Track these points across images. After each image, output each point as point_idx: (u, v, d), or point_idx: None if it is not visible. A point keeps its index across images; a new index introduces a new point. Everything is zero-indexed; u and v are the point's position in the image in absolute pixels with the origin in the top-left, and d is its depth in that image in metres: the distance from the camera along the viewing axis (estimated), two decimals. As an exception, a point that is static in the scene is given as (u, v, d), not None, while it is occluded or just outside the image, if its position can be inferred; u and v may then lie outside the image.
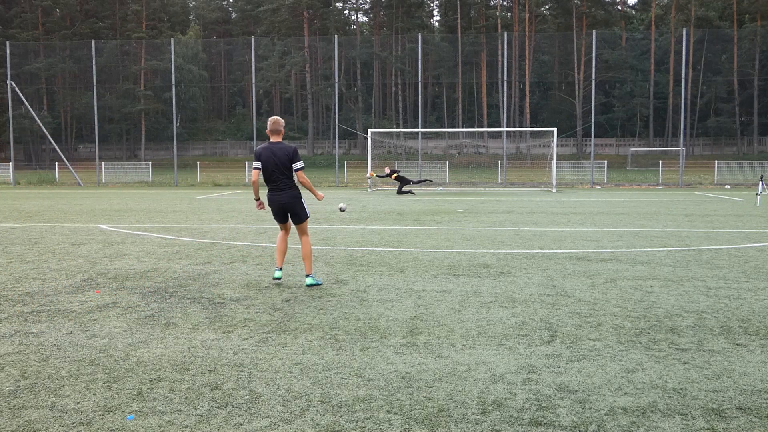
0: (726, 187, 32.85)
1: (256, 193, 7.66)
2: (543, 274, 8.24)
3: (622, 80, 72.50)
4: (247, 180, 37.37)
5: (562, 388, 4.26)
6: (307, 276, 7.54)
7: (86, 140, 70.56)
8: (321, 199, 7.90)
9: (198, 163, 41.93)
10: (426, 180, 29.88)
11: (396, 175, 26.06)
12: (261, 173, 7.45)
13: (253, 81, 42.95)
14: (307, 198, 8.05)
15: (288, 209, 7.53)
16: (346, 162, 42.11)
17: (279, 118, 7.48)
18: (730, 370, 4.61)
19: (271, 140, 7.45)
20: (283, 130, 7.48)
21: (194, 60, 72.40)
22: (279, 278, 7.63)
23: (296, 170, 7.41)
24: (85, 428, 3.67)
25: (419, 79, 41.92)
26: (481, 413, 3.86)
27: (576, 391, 4.21)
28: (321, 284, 7.55)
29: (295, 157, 7.39)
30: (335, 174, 37.72)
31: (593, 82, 37.96)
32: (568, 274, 8.23)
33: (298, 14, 74.25)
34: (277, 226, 7.96)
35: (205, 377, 4.48)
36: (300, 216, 7.56)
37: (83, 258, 9.65)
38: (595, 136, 37.65)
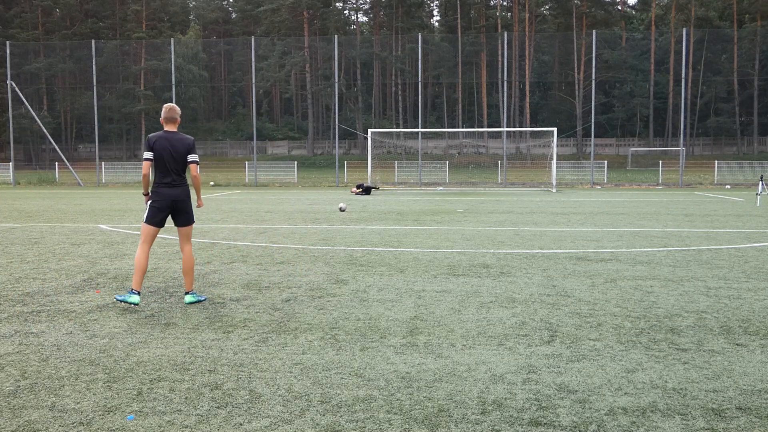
0: (726, 187, 32.85)
1: (146, 187, 6.81)
2: (543, 274, 8.23)
3: (622, 80, 72.50)
4: (246, 180, 37.33)
5: (562, 388, 4.26)
6: (187, 293, 6.71)
7: (86, 140, 70.50)
8: (201, 207, 7.20)
9: (198, 162, 41.89)
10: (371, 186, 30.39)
11: (361, 189, 29.00)
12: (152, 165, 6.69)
13: (253, 81, 42.93)
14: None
15: (179, 205, 6.66)
16: (346, 162, 42.12)
17: (175, 105, 6.76)
18: (730, 370, 4.61)
19: (165, 129, 6.66)
20: (179, 119, 6.72)
21: (194, 60, 72.41)
22: (137, 303, 6.44)
23: (191, 162, 6.67)
24: (85, 428, 3.67)
25: (419, 79, 41.93)
26: (481, 413, 3.86)
27: (576, 391, 4.21)
28: (204, 300, 6.78)
29: (192, 149, 6.69)
30: (335, 174, 37.72)
31: (593, 82, 37.98)
32: (568, 274, 8.23)
33: (298, 14, 74.25)
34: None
35: (205, 377, 4.48)
36: (190, 216, 6.79)
37: (83, 258, 9.65)
38: (595, 136, 37.66)
